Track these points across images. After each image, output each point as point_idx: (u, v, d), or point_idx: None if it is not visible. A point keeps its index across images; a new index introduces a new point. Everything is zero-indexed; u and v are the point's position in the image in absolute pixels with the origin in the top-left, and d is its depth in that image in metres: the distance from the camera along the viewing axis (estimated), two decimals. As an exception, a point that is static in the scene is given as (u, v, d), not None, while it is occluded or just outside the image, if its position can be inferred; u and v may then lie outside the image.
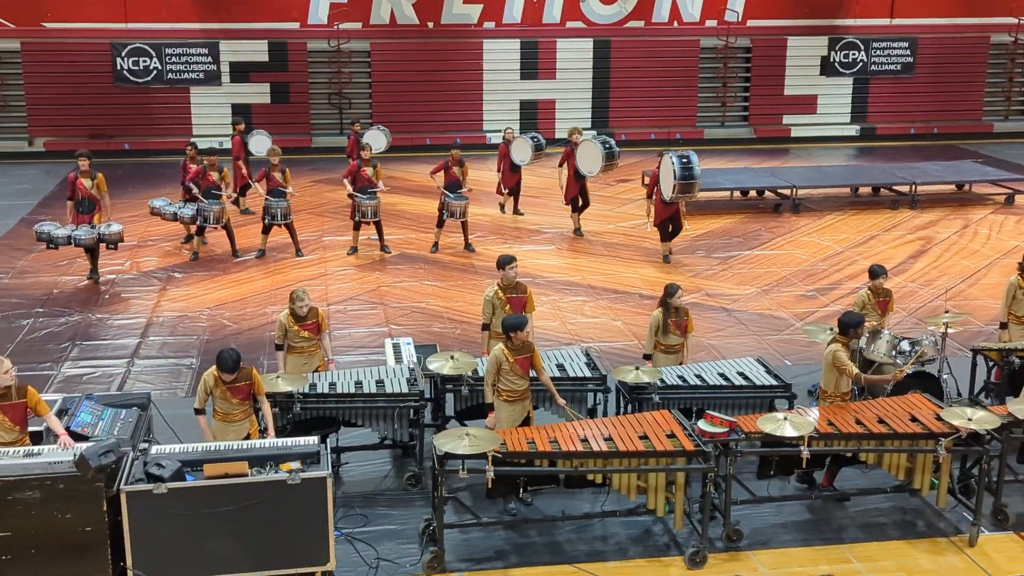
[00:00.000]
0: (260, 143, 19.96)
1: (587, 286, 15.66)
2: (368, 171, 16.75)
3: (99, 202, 15.36)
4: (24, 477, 7.55)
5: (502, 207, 19.68)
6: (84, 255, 15.80)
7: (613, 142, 17.99)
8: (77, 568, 7.63)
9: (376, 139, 20.98)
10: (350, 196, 16.73)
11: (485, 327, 10.88)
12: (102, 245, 15.44)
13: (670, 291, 10.52)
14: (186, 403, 9.73)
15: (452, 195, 17.05)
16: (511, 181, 19.38)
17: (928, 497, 9.34)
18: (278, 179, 16.62)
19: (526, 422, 9.33)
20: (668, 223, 16.58)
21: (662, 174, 16.27)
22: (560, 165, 18.31)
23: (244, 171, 19.20)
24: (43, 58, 24.59)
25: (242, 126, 20.19)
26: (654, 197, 16.54)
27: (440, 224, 17.30)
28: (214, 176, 16.59)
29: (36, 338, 13.48)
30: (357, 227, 17.00)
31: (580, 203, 18.34)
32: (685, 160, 15.96)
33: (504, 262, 10.80)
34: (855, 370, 9.31)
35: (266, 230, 16.90)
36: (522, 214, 19.51)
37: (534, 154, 19.10)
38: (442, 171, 17.27)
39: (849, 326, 9.50)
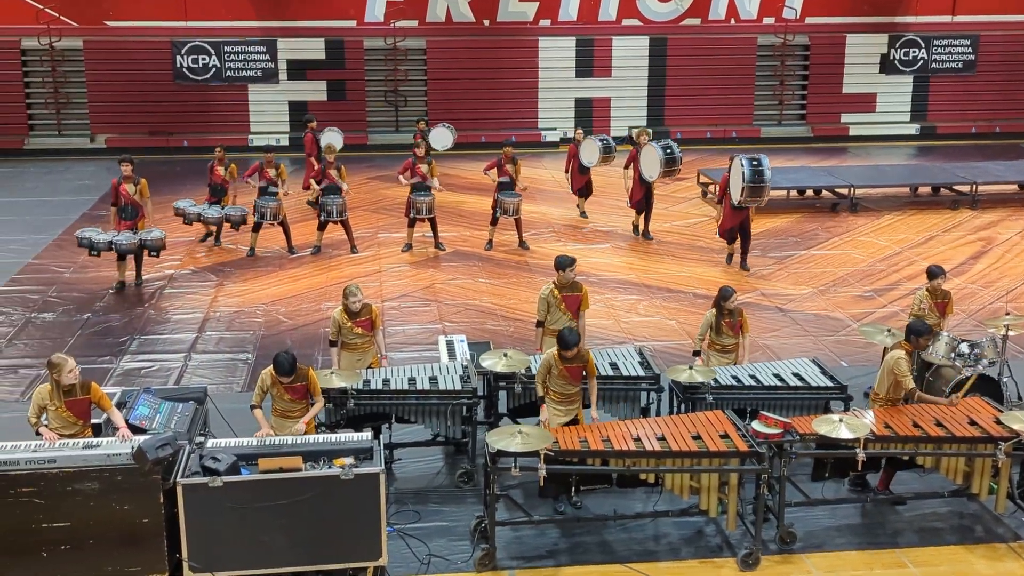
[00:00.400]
0: (333, 140, 20.09)
1: (641, 285, 15.60)
2: (423, 168, 16.81)
3: (142, 208, 15.16)
4: (83, 468, 7.68)
5: (583, 213, 19.26)
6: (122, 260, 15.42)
7: (675, 147, 17.47)
8: (134, 558, 7.75)
9: (442, 136, 20.83)
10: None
11: (539, 324, 10.88)
12: (145, 251, 15.26)
13: (724, 294, 10.47)
14: (242, 398, 9.84)
15: (505, 192, 17.08)
16: (580, 182, 19.12)
17: (987, 502, 9.20)
18: (333, 176, 16.74)
19: (573, 423, 9.31)
20: (736, 231, 16.07)
21: (732, 178, 15.77)
22: (626, 167, 17.99)
23: (316, 168, 19.21)
24: (105, 56, 24.98)
25: (314, 123, 20.20)
26: (724, 203, 16.05)
27: (494, 222, 17.33)
28: (271, 173, 16.73)
29: (96, 332, 13.71)
30: (412, 224, 17.08)
31: (644, 207, 17.87)
32: (755, 163, 15.47)
33: (564, 264, 10.75)
34: (911, 384, 9.21)
35: (322, 227, 17.04)
36: (585, 216, 19.29)
37: (602, 156, 18.70)
38: (495, 168, 17.29)
39: (913, 333, 9.39)
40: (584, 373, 9.31)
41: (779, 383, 9.98)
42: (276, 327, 13.84)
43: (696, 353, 10.60)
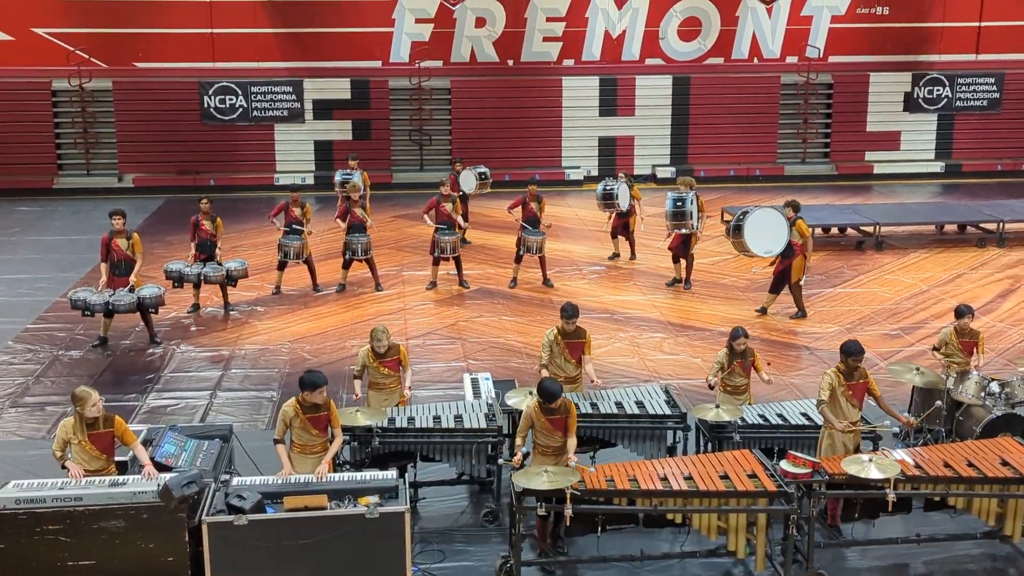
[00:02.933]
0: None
1: (665, 322, 15.55)
2: (447, 207, 16.87)
3: (136, 263, 14.36)
4: (109, 506, 7.67)
5: (615, 255, 18.98)
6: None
7: (687, 201, 16.66)
8: (159, 597, 7.71)
9: (467, 180, 20.46)
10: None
11: (544, 368, 10.72)
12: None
13: (734, 335, 10.42)
14: (267, 435, 9.81)
15: (529, 230, 17.10)
16: (618, 223, 18.79)
17: (1020, 544, 9.04)
18: (358, 214, 16.80)
19: None
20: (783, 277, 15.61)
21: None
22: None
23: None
24: (134, 96, 25.23)
25: (355, 162, 20.26)
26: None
27: (518, 259, 17.33)
28: (296, 212, 16.79)
29: (123, 368, 13.74)
30: (436, 262, 17.11)
31: (683, 253, 17.17)
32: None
33: (566, 315, 10.53)
34: (820, 398, 9.27)
35: (346, 265, 17.08)
36: (635, 257, 18.98)
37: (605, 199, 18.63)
38: (519, 206, 17.33)
39: (842, 351, 9.40)
40: (566, 424, 8.96)
41: (807, 422, 9.90)
42: (301, 365, 13.81)
43: (712, 386, 10.53)
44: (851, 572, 8.92)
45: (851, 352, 9.29)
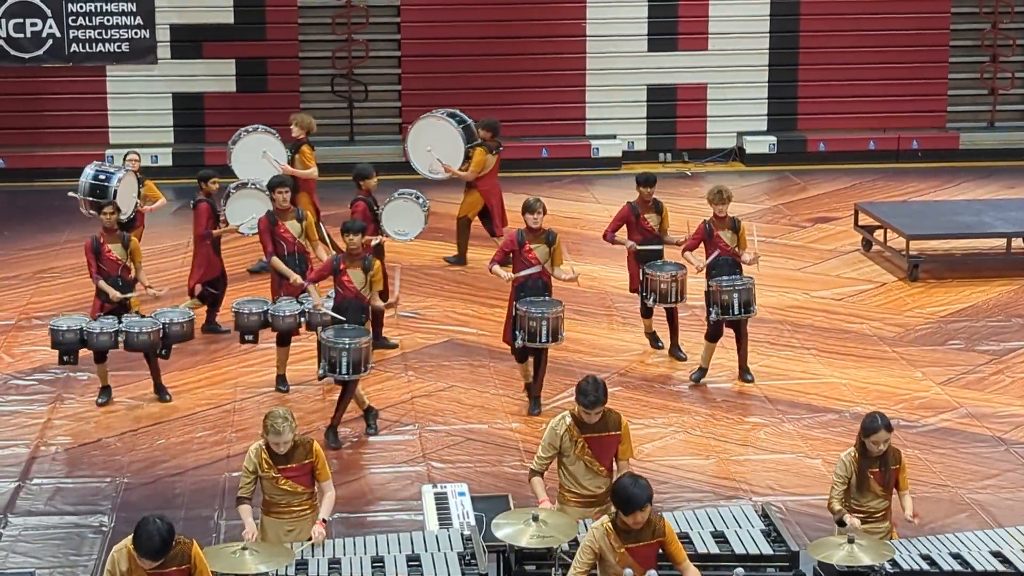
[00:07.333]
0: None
1: (762, 398, 15.57)
2: (651, 219, 16.56)
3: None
4: None
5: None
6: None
7: None
8: None
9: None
10: None
11: (535, 473, 10.81)
12: None
13: (869, 428, 10.46)
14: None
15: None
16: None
17: None
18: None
19: None
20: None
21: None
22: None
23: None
24: None
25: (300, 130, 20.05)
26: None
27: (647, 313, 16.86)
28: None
29: None
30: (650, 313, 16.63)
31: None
32: None
33: (585, 399, 10.56)
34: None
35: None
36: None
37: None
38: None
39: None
40: (661, 551, 9.28)
41: (1003, 568, 9.90)
42: (150, 470, 13.82)
43: (840, 523, 10.54)
44: None
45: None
